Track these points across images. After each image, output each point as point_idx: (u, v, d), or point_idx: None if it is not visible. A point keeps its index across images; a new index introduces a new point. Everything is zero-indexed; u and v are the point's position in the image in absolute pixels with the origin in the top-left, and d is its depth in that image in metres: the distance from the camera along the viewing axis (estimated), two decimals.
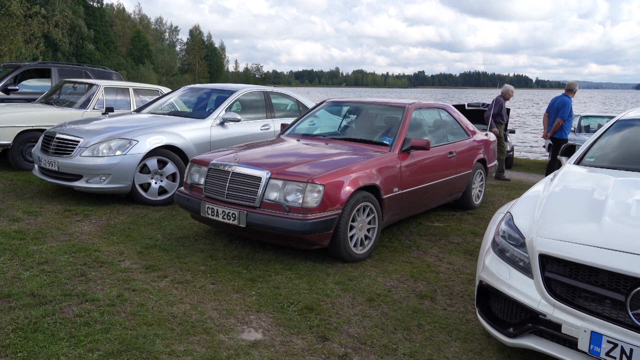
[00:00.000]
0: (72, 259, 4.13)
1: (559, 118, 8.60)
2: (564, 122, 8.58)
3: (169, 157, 6.05)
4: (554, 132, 8.68)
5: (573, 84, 8.92)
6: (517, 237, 2.82)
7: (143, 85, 9.65)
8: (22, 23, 21.12)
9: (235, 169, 4.38)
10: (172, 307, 3.37)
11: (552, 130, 8.69)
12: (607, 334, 2.30)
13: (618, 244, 2.43)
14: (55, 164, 5.88)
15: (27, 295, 3.38)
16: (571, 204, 3.01)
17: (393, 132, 5.27)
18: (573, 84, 8.91)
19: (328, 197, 4.10)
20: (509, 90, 9.63)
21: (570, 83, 8.94)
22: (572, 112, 8.71)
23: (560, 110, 8.61)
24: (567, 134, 8.73)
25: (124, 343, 2.85)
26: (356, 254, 4.41)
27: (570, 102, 8.65)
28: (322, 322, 3.26)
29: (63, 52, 55.61)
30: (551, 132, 8.73)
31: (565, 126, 8.61)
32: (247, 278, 3.92)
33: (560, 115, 8.58)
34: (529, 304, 2.58)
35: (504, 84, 10.05)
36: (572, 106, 8.69)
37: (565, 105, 8.60)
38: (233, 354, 2.83)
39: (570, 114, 8.63)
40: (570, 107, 8.65)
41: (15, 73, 9.61)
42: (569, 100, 8.66)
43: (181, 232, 5.03)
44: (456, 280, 4.12)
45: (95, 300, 3.38)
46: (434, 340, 3.11)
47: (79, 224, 5.15)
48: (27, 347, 2.76)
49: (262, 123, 7.27)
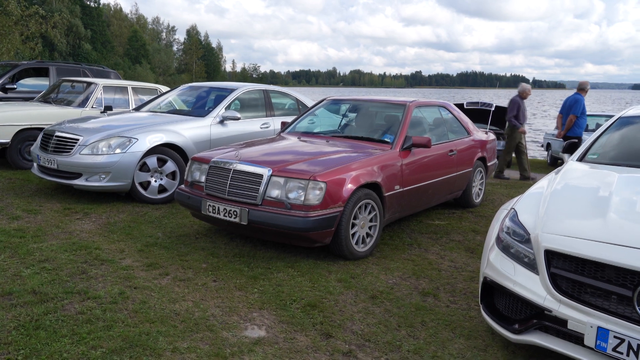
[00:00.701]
0: (73, 257, 4.10)
1: (571, 115, 8.58)
2: (577, 119, 8.53)
3: (168, 155, 6.03)
4: (567, 130, 8.64)
5: (585, 83, 8.86)
6: (522, 233, 2.81)
7: (142, 83, 9.61)
8: (20, 22, 21.05)
9: (236, 167, 4.36)
10: (175, 304, 3.35)
11: (566, 128, 8.64)
12: (613, 330, 2.29)
13: (624, 239, 2.42)
14: (55, 162, 5.85)
15: (29, 293, 3.36)
16: (576, 200, 3.00)
17: (394, 129, 5.26)
18: (584, 83, 8.85)
19: (330, 195, 4.08)
20: (526, 89, 9.50)
21: (582, 82, 8.89)
22: (585, 109, 8.65)
23: (573, 107, 8.58)
24: (581, 132, 8.69)
25: (127, 340, 2.83)
26: (358, 252, 4.39)
27: (582, 100, 8.60)
28: (326, 319, 3.24)
29: (60, 51, 55.45)
30: (565, 131, 8.68)
31: (578, 124, 8.54)
32: (248, 276, 3.90)
33: (573, 112, 8.56)
34: (534, 300, 2.57)
35: (499, 83, 10.03)
36: (584, 104, 8.63)
37: (577, 102, 8.57)
38: (237, 351, 2.81)
39: (583, 112, 8.58)
40: (583, 104, 8.59)
41: (13, 72, 9.57)
42: (581, 98, 8.62)
43: (181, 230, 5.01)
44: (458, 278, 4.11)
45: (97, 298, 3.36)
46: (438, 337, 3.09)
47: (79, 222, 5.13)
48: (29, 344, 2.74)
49: (261, 121, 7.25)
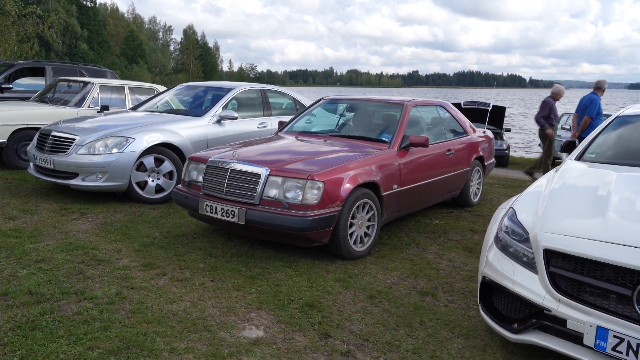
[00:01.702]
0: (70, 257, 4.08)
1: (586, 116, 8.42)
2: (592, 120, 8.35)
3: (165, 155, 6.00)
4: (582, 131, 8.45)
5: (601, 82, 8.66)
6: (521, 232, 2.80)
7: (138, 83, 9.58)
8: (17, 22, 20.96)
9: (234, 166, 4.34)
10: (172, 304, 3.33)
11: (580, 129, 8.46)
12: (613, 329, 2.29)
13: (624, 238, 2.42)
14: (51, 162, 5.82)
15: (25, 294, 3.34)
16: (575, 199, 2.99)
17: (392, 129, 5.25)
18: (601, 82, 8.65)
19: (328, 194, 4.07)
20: (561, 90, 9.36)
21: (599, 81, 8.70)
22: (601, 110, 8.44)
23: (588, 108, 8.43)
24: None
25: (124, 341, 2.82)
26: (356, 251, 4.38)
27: (598, 100, 8.42)
28: (324, 319, 3.23)
29: (56, 51, 55.31)
30: (579, 131, 8.51)
31: (593, 125, 8.34)
32: (246, 275, 3.89)
33: (587, 113, 8.40)
34: (533, 300, 2.56)
35: (497, 83, 9.98)
36: (601, 104, 8.43)
37: (592, 102, 8.41)
38: (235, 352, 2.80)
39: (599, 112, 8.37)
40: (599, 105, 8.40)
41: (9, 71, 9.52)
42: (597, 98, 8.45)
43: (179, 230, 4.99)
44: (456, 277, 4.11)
45: (94, 298, 3.34)
46: (436, 337, 3.09)
47: (76, 222, 5.10)
48: (25, 345, 2.72)
49: (259, 121, 7.24)
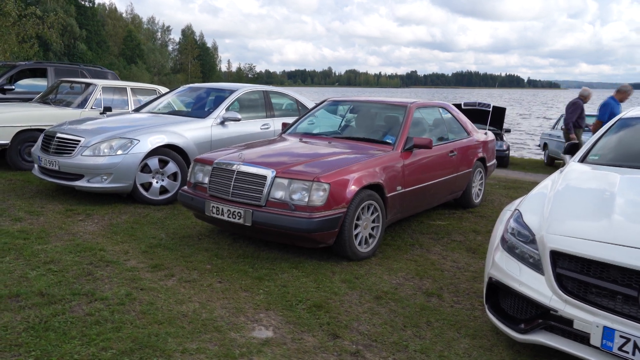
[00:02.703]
0: (78, 259, 4.12)
1: (597, 120, 8.32)
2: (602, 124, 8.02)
3: (170, 156, 6.04)
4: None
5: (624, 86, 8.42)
6: (527, 234, 2.85)
7: (141, 84, 9.62)
8: (17, 23, 20.97)
9: (240, 168, 4.38)
10: (182, 305, 3.37)
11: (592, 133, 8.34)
12: (619, 329, 2.33)
13: (629, 240, 2.46)
14: (56, 164, 5.85)
15: (36, 295, 3.37)
16: (580, 201, 3.04)
17: (395, 131, 5.29)
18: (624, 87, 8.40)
19: (333, 196, 4.11)
20: (590, 93, 9.40)
21: (622, 85, 8.49)
22: (613, 114, 8.09)
23: (600, 112, 8.36)
24: None
25: (136, 341, 2.85)
26: (361, 252, 4.43)
27: (611, 103, 8.28)
28: (332, 320, 3.27)
29: (55, 52, 55.22)
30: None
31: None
32: (253, 276, 3.93)
33: (599, 117, 8.31)
34: (540, 300, 2.61)
35: (498, 83, 10.03)
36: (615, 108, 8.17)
37: (604, 106, 8.31)
38: (246, 352, 2.84)
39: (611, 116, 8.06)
40: (611, 108, 8.23)
41: (11, 73, 9.54)
42: (611, 102, 8.31)
43: (184, 232, 5.03)
44: (461, 278, 4.15)
45: (104, 299, 3.38)
46: (443, 337, 3.13)
47: (82, 224, 5.13)
48: (39, 345, 2.76)
49: (262, 122, 7.27)
